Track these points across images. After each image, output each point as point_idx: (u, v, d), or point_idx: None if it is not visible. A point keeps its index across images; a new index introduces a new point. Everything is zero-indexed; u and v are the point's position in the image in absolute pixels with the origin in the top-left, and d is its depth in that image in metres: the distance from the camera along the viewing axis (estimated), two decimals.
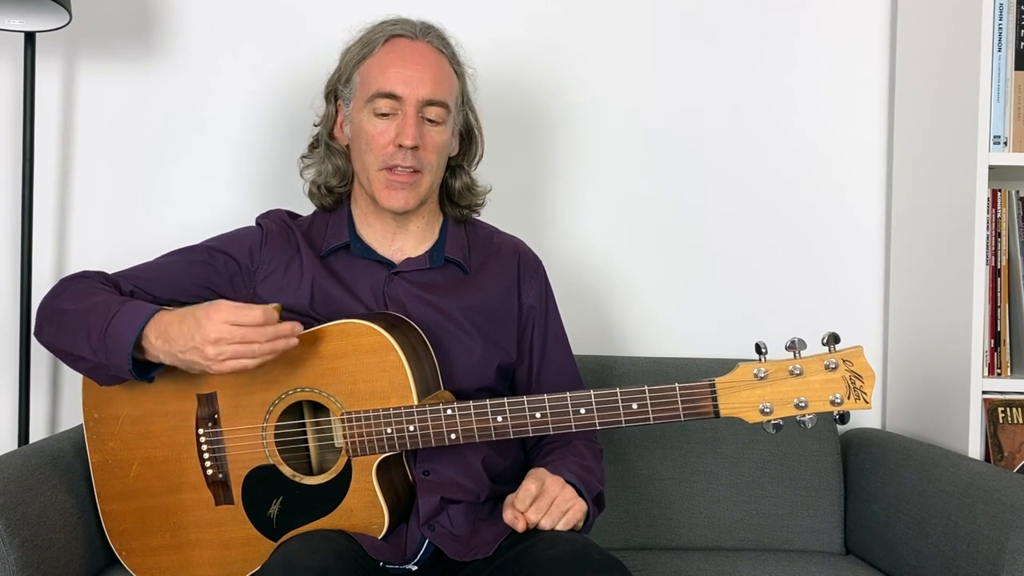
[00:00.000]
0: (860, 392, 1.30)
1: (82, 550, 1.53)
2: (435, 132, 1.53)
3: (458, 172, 1.63)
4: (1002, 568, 1.43)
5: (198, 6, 2.04)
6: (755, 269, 2.10)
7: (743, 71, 2.10)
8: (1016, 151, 1.76)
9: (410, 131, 1.49)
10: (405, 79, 1.50)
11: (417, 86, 1.50)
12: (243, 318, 1.33)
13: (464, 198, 1.64)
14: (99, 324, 1.39)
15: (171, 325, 1.36)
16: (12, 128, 2.00)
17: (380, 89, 1.51)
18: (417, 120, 1.50)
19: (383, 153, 1.51)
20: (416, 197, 1.53)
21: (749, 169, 2.10)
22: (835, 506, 1.89)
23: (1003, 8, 1.75)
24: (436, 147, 1.53)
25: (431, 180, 1.55)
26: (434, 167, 1.54)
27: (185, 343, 1.34)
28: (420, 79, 1.51)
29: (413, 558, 1.46)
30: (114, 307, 1.41)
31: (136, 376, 1.40)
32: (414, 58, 1.52)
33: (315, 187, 1.63)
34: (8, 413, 1.98)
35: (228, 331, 1.32)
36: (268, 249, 1.57)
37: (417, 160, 1.51)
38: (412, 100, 1.50)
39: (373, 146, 1.52)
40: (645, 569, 1.67)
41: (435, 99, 1.51)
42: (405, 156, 1.50)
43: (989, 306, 1.78)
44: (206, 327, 1.32)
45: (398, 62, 1.52)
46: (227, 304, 1.34)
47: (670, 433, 1.90)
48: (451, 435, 1.39)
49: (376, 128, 1.51)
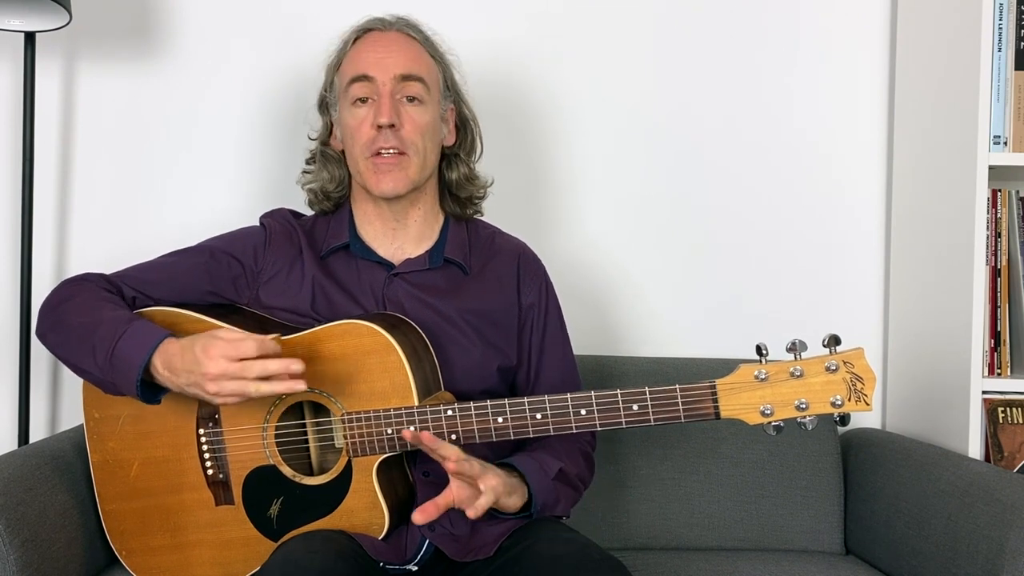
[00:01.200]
0: (861, 394, 1.30)
1: (82, 550, 1.53)
2: (414, 111, 1.52)
3: (454, 162, 1.62)
4: (1002, 568, 1.42)
5: (198, 6, 2.04)
6: (755, 269, 2.10)
7: (743, 71, 2.09)
8: (1016, 151, 1.76)
9: (385, 108, 1.49)
10: (375, 60, 1.52)
11: (388, 65, 1.51)
12: (239, 352, 1.32)
13: (463, 189, 1.62)
14: (105, 344, 1.39)
15: (174, 357, 1.36)
16: (12, 128, 2.00)
17: (353, 75, 1.52)
18: (393, 99, 1.50)
19: (365, 138, 1.51)
20: (405, 179, 1.52)
21: (749, 169, 2.10)
22: (835, 506, 1.89)
23: (1003, 8, 1.75)
24: (417, 126, 1.52)
25: (420, 161, 1.53)
26: (420, 148, 1.52)
27: (188, 378, 1.35)
28: (391, 58, 1.52)
29: (413, 558, 1.46)
30: (120, 327, 1.40)
31: (144, 400, 1.40)
32: (385, 42, 1.54)
33: (313, 195, 1.63)
34: (8, 413, 1.98)
35: (225, 367, 1.32)
36: (272, 251, 1.57)
37: (400, 140, 1.50)
38: (385, 78, 1.50)
39: (356, 135, 1.52)
40: (645, 569, 1.67)
41: (409, 73, 1.51)
42: (387, 137, 1.50)
43: (989, 306, 1.78)
44: (205, 364, 1.32)
45: (369, 48, 1.54)
46: (222, 341, 1.33)
47: (670, 433, 1.90)
48: (451, 436, 1.39)
49: (356, 117, 1.52)
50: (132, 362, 1.37)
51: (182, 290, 1.54)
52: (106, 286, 1.52)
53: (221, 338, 1.34)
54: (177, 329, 1.46)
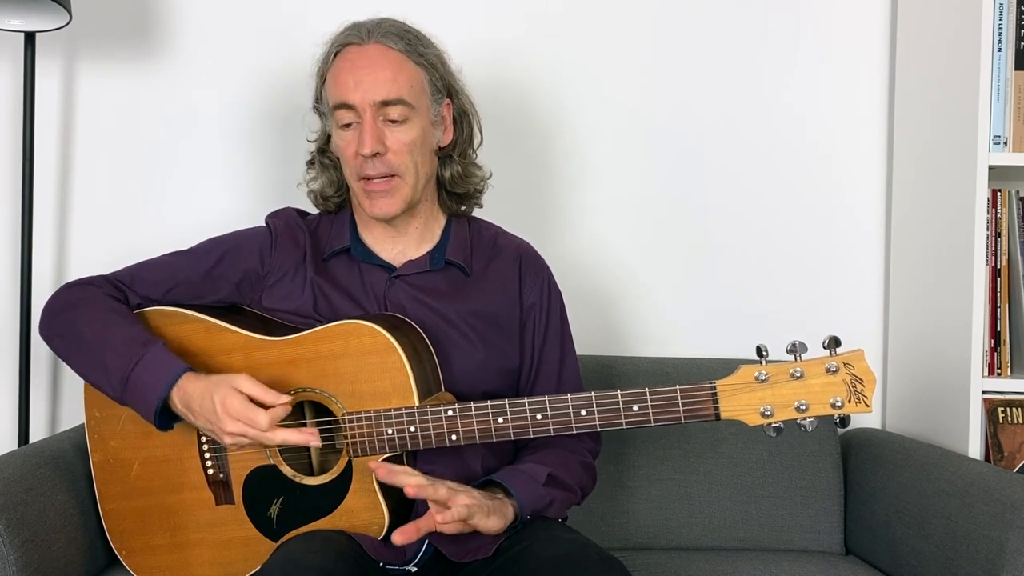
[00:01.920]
0: (861, 395, 1.30)
1: (82, 550, 1.53)
2: (400, 132, 1.49)
3: (447, 162, 1.59)
4: (1002, 568, 1.43)
5: (198, 6, 2.04)
6: (756, 269, 2.10)
7: (743, 72, 2.09)
8: (1016, 151, 1.76)
9: (366, 139, 1.46)
10: (353, 86, 1.47)
11: (367, 91, 1.47)
12: (253, 423, 1.35)
13: (458, 185, 1.60)
14: (119, 368, 1.41)
15: (193, 400, 1.39)
16: (12, 128, 2.00)
17: (335, 102, 1.50)
18: (375, 126, 1.47)
19: (353, 163, 1.50)
20: (399, 202, 1.51)
21: (749, 169, 2.10)
22: (835, 506, 1.89)
23: (1003, 8, 1.75)
24: (404, 147, 1.49)
25: (412, 182, 1.51)
26: (410, 169, 1.50)
27: (204, 424, 1.39)
28: (370, 83, 1.47)
29: (413, 559, 1.46)
30: (135, 352, 1.41)
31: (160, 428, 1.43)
32: (361, 62, 1.49)
33: (315, 196, 1.63)
34: (8, 413, 1.98)
35: (241, 428, 1.36)
36: (278, 253, 1.56)
37: (387, 165, 1.48)
38: (365, 106, 1.47)
39: (344, 159, 1.52)
40: (645, 569, 1.67)
41: (390, 98, 1.47)
42: (373, 165, 1.48)
43: (989, 306, 1.78)
44: (223, 420, 1.36)
45: (347, 69, 1.49)
46: (240, 398, 1.36)
47: (670, 433, 1.90)
48: (452, 436, 1.39)
49: (343, 141, 1.51)
50: (148, 394, 1.40)
51: (185, 291, 1.54)
52: (112, 292, 1.52)
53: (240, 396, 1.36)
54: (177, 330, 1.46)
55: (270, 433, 1.36)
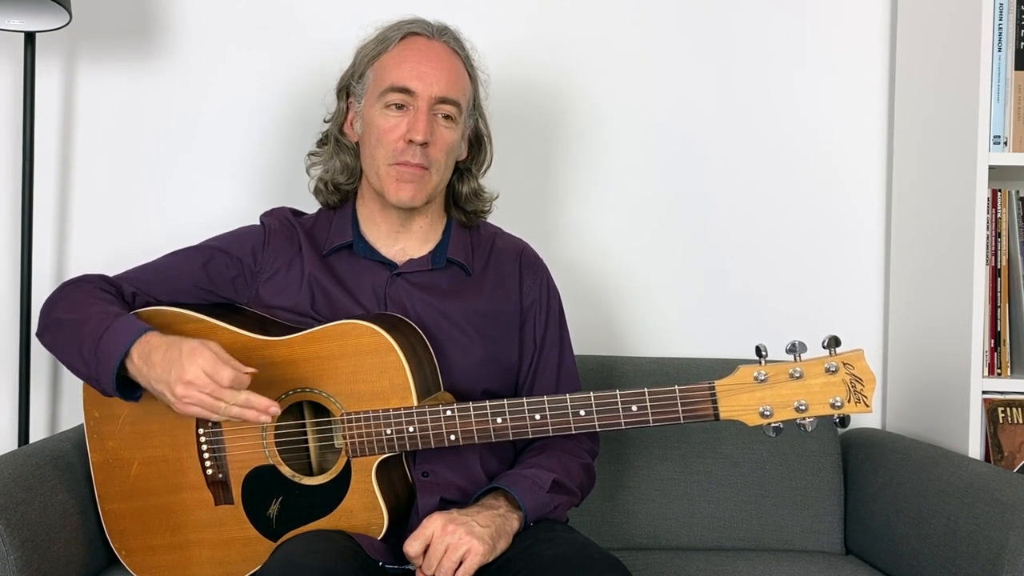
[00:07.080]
0: (860, 395, 1.30)
1: (82, 550, 1.53)
2: (446, 130, 1.53)
3: (466, 177, 1.63)
4: (1002, 568, 1.43)
5: (198, 6, 2.04)
6: (756, 269, 2.10)
7: (745, 75, 2.09)
8: (1016, 151, 1.76)
9: (422, 126, 1.49)
10: (419, 75, 1.50)
11: (431, 82, 1.50)
12: (216, 374, 1.32)
13: (470, 203, 1.64)
14: (91, 338, 1.38)
15: (156, 350, 1.35)
16: (12, 128, 2.00)
17: (394, 83, 1.51)
18: (429, 116, 1.50)
19: (394, 148, 1.51)
20: (424, 193, 1.53)
21: (749, 169, 2.10)
22: (835, 506, 1.89)
23: (1003, 8, 1.75)
24: (446, 145, 1.53)
25: (438, 179, 1.54)
26: (442, 166, 1.54)
27: (161, 374, 1.34)
28: (435, 76, 1.51)
29: None
30: (107, 321, 1.39)
31: (121, 396, 1.40)
32: (429, 55, 1.52)
33: (322, 184, 1.62)
34: (8, 413, 1.98)
35: (202, 380, 1.31)
36: (271, 249, 1.57)
37: (426, 157, 1.51)
38: (425, 96, 1.50)
39: (384, 140, 1.51)
40: (645, 569, 1.67)
41: (448, 97, 1.51)
42: (415, 153, 1.50)
43: (989, 306, 1.78)
44: (184, 366, 1.32)
45: (413, 58, 1.52)
46: (210, 353, 1.32)
47: (670, 433, 1.90)
48: (451, 436, 1.39)
49: (388, 122, 1.51)
50: (112, 353, 1.37)
51: (181, 290, 1.55)
52: (104, 286, 1.52)
53: (211, 350, 1.33)
54: (174, 329, 1.46)
55: (229, 393, 1.32)
